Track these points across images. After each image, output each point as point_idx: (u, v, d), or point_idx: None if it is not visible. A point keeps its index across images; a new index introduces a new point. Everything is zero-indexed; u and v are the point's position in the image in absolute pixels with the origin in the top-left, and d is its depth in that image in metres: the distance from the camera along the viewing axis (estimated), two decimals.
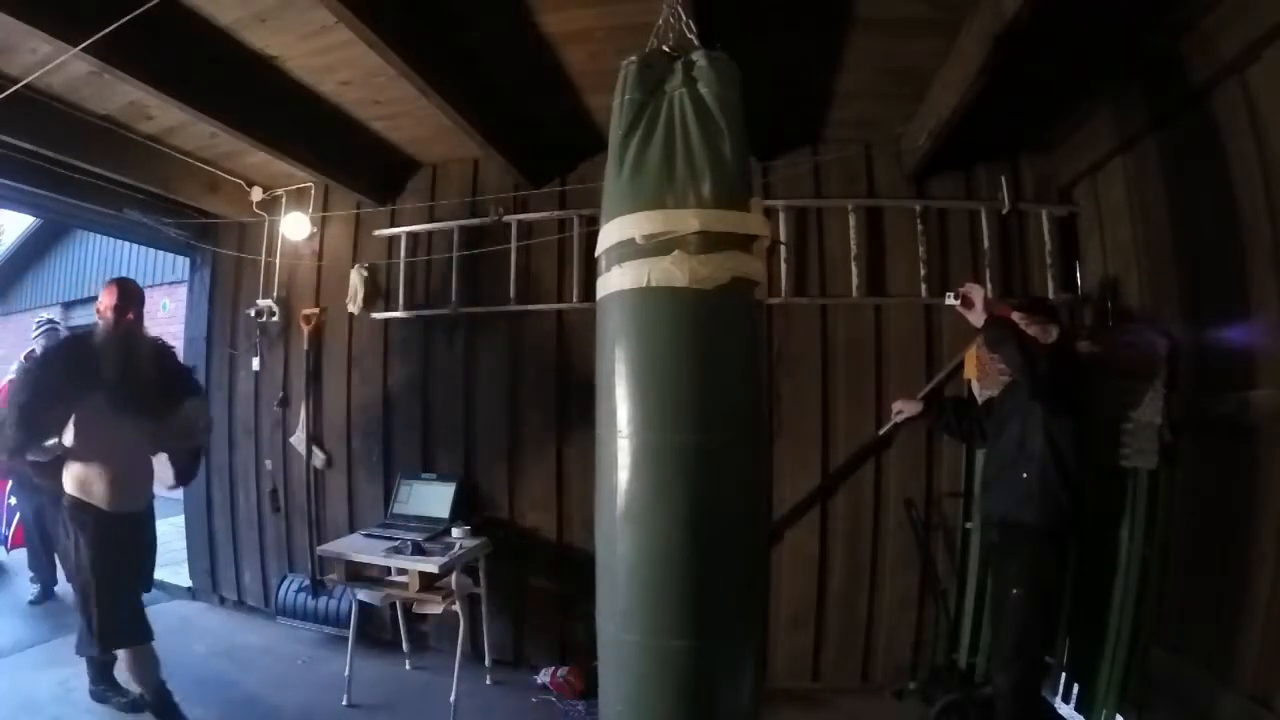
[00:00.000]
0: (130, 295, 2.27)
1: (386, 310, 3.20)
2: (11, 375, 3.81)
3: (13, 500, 3.81)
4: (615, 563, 1.19)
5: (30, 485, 2.24)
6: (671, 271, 1.16)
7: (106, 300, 2.23)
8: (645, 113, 1.27)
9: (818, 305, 2.75)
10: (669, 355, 1.17)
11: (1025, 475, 2.02)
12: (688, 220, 1.17)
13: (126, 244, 6.43)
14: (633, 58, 1.33)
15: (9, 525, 3.84)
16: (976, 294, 2.03)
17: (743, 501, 1.22)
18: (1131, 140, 2.27)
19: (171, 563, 4.02)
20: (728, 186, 1.20)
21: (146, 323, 2.35)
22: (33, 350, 3.83)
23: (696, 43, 1.36)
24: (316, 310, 3.36)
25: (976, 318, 2.02)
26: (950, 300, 2.08)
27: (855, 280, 2.71)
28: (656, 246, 1.18)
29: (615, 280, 1.22)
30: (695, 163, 1.21)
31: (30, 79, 2.07)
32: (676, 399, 1.15)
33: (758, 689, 1.26)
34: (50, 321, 3.95)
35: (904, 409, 2.50)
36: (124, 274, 8.32)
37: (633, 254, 1.20)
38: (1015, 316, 2.07)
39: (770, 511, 2.63)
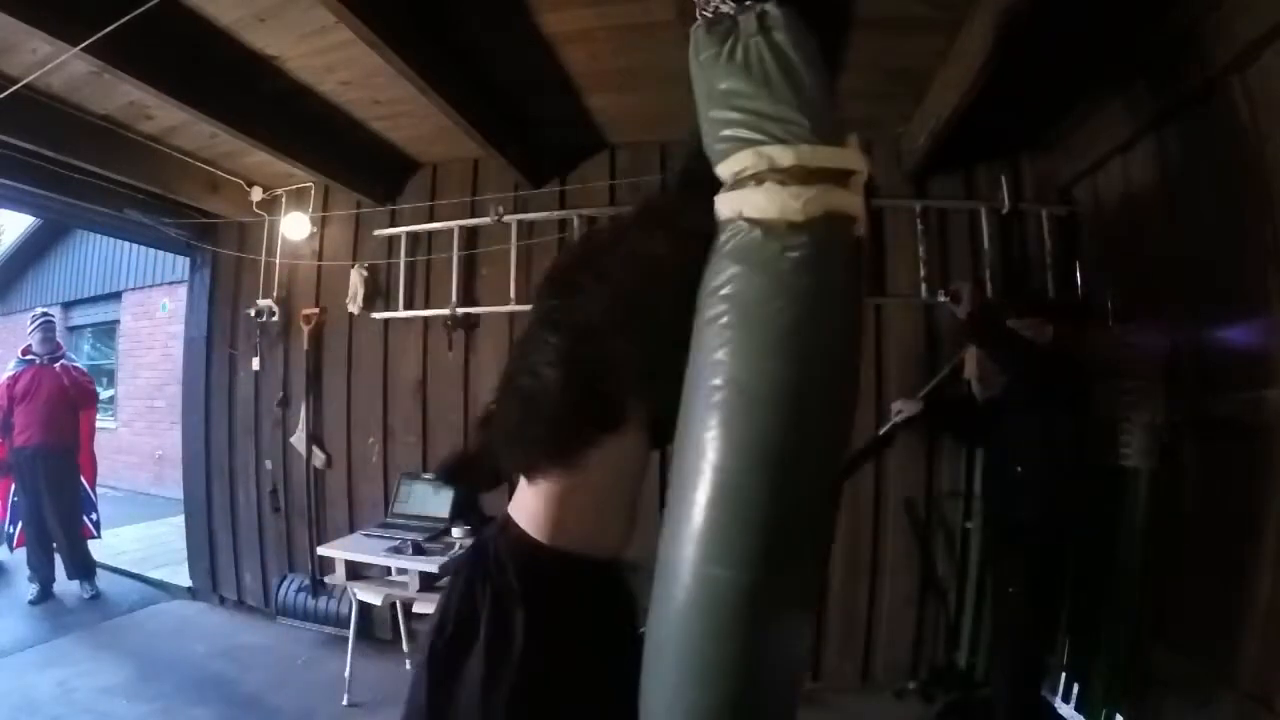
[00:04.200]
0: None
1: (386, 310, 3.20)
2: (12, 371, 3.83)
3: (17, 499, 3.81)
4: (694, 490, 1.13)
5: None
6: (762, 204, 1.13)
7: None
8: (721, 64, 1.25)
9: None
10: (766, 290, 1.11)
11: (1023, 474, 2.03)
12: (778, 156, 1.14)
13: (126, 244, 6.43)
14: (698, 21, 1.32)
15: (14, 524, 3.84)
16: (964, 289, 2.10)
17: (826, 436, 1.16)
18: (1132, 140, 2.26)
19: (171, 563, 4.05)
20: (815, 124, 1.17)
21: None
22: (29, 345, 3.83)
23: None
24: (316, 310, 3.36)
25: (962, 312, 2.07)
26: (942, 297, 2.12)
27: None
28: (745, 182, 1.16)
29: (750, 204, 1.18)
30: (782, 104, 1.17)
31: (30, 79, 2.07)
32: (768, 335, 1.10)
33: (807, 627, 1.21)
34: (45, 314, 3.95)
35: (904, 409, 2.50)
36: (124, 274, 8.35)
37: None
38: (1011, 321, 2.09)
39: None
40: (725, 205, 1.18)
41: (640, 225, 1.21)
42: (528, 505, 1.14)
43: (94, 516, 3.94)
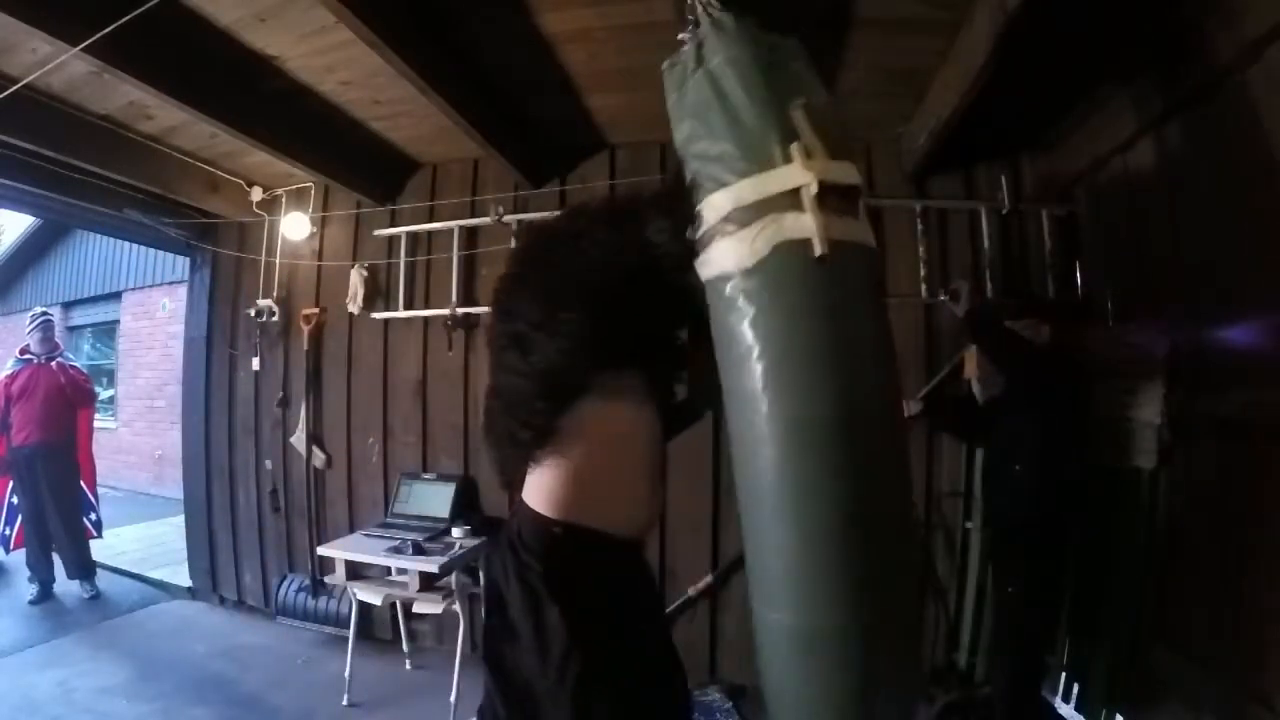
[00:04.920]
0: None
1: (386, 310, 3.20)
2: (9, 371, 3.83)
3: (14, 500, 3.80)
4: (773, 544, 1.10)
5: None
6: (721, 260, 1.12)
7: None
8: (677, 108, 1.23)
9: None
10: (754, 337, 1.09)
11: (1021, 474, 2.03)
12: (720, 203, 1.12)
13: (126, 244, 6.43)
14: (666, 61, 1.29)
15: (10, 526, 3.83)
16: (963, 287, 2.13)
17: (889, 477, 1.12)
18: (1132, 139, 2.26)
19: (171, 563, 4.05)
20: (750, 150, 1.12)
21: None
22: (27, 345, 3.83)
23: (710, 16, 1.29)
24: (316, 310, 3.36)
25: (960, 310, 2.08)
26: (942, 297, 2.13)
27: None
28: (706, 241, 1.14)
29: (714, 263, 1.16)
30: (720, 141, 1.14)
31: (30, 79, 2.07)
32: (775, 379, 1.07)
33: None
34: (44, 314, 3.95)
35: (904, 408, 2.50)
36: (124, 274, 8.37)
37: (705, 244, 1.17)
38: (1007, 321, 2.09)
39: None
40: (703, 270, 1.17)
41: (598, 221, 1.22)
42: (536, 486, 1.18)
43: (93, 517, 3.93)
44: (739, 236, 1.09)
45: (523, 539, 1.15)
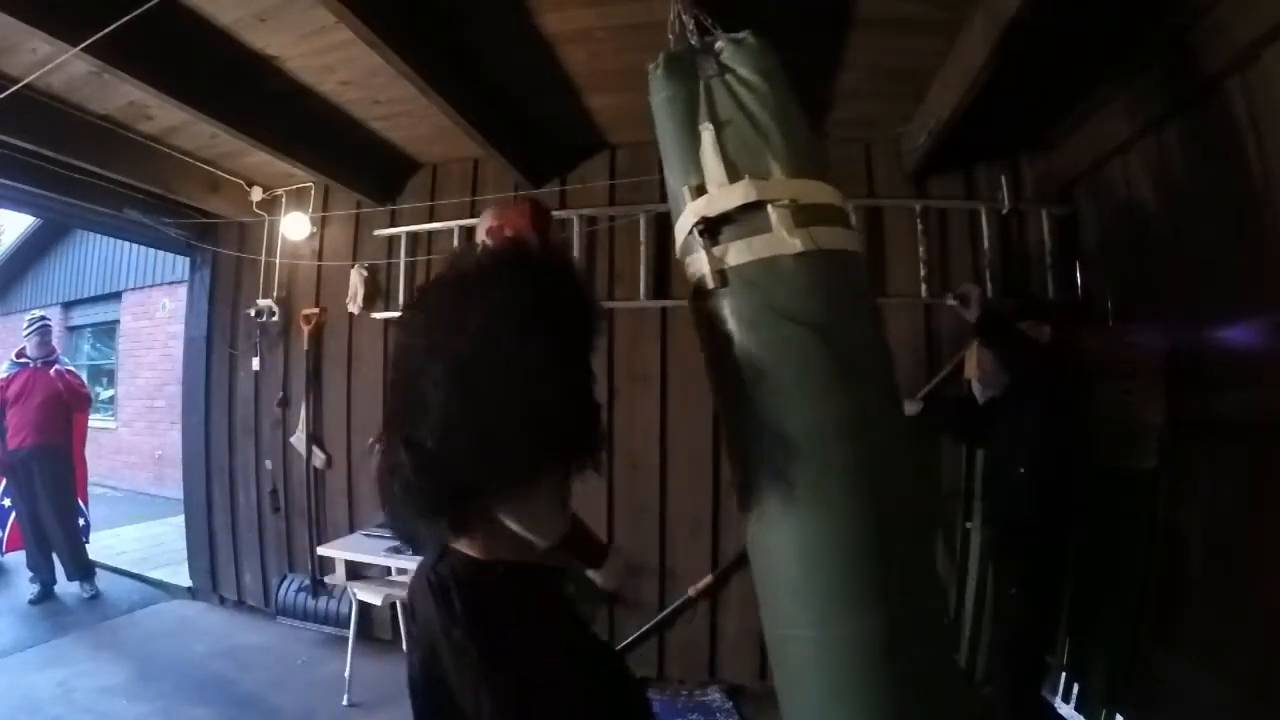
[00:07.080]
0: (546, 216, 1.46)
1: (386, 310, 3.20)
2: (5, 374, 3.81)
3: (6, 502, 3.79)
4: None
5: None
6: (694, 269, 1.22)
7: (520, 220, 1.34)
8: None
9: None
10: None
11: (1022, 474, 2.03)
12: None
13: (126, 244, 6.43)
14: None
15: (4, 528, 3.82)
16: (973, 292, 2.09)
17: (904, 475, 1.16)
18: (1131, 140, 2.26)
19: (171, 563, 4.05)
20: (675, 193, 1.24)
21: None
22: (23, 348, 3.82)
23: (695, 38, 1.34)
24: (316, 310, 3.36)
25: (971, 314, 2.07)
26: (950, 301, 2.13)
27: None
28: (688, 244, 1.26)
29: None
30: (670, 183, 1.31)
31: (30, 79, 2.07)
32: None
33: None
34: (42, 319, 3.93)
35: (904, 408, 2.50)
36: (124, 274, 8.33)
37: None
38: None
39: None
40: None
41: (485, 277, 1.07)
42: (469, 532, 1.12)
43: (80, 523, 3.88)
44: (688, 275, 1.21)
45: (460, 583, 1.07)
